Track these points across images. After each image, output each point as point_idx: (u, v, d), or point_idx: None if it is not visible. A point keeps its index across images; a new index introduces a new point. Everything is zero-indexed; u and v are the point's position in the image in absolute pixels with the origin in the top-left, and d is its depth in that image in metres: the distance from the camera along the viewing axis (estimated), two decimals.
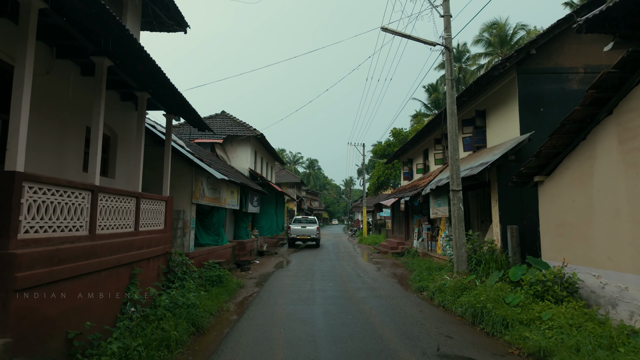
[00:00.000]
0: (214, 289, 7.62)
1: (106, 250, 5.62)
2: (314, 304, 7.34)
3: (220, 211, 12.74)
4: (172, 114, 8.62)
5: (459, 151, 8.63)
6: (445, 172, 12.71)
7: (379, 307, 7.09)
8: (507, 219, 9.03)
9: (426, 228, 15.88)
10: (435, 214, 12.73)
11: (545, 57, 9.41)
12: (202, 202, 10.62)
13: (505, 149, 8.68)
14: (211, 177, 11.33)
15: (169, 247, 8.39)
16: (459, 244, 8.30)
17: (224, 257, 12.71)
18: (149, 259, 7.36)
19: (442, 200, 12.01)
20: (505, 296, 6.23)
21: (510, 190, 9.05)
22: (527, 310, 5.67)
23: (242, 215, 16.46)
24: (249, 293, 8.48)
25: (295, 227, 21.97)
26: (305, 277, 10.85)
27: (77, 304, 4.86)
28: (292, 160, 77.78)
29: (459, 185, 8.47)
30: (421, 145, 17.18)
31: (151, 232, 7.54)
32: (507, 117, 9.72)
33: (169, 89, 6.65)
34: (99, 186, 5.49)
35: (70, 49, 5.82)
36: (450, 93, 8.72)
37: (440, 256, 12.53)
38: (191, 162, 9.97)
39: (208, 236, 12.29)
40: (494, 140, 10.47)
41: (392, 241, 19.97)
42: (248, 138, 19.78)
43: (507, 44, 34.08)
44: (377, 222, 33.35)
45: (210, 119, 21.75)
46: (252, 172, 19.46)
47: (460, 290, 7.27)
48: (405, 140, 31.53)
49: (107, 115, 7.66)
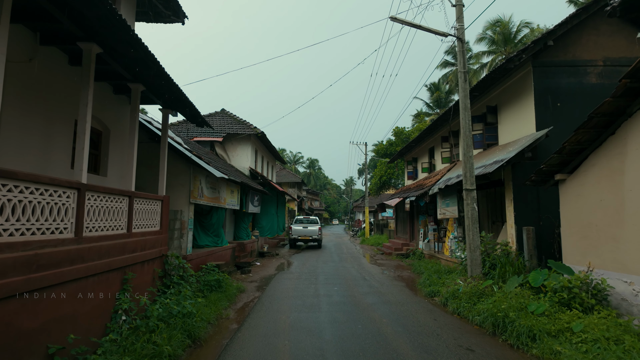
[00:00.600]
0: (213, 295, 7.14)
1: (94, 254, 5.14)
2: (320, 311, 6.85)
3: (219, 211, 12.26)
4: (168, 109, 8.15)
5: (472, 148, 8.15)
6: (453, 170, 12.24)
7: (390, 315, 6.61)
8: (522, 219, 8.55)
9: (432, 229, 15.40)
10: (443, 214, 12.25)
11: (561, 49, 8.93)
12: (200, 201, 10.14)
13: (521, 145, 8.19)
14: (210, 176, 10.85)
15: (165, 249, 7.92)
16: (473, 247, 7.82)
17: (224, 258, 12.24)
18: (144, 262, 6.88)
19: (451, 200, 11.53)
20: (527, 304, 5.74)
21: (526, 189, 8.58)
22: (553, 320, 5.18)
23: (243, 216, 15.99)
24: (249, 298, 8.00)
25: (297, 227, 21.49)
26: (308, 280, 10.36)
27: (60, 314, 4.38)
28: (292, 160, 77.33)
29: (473, 184, 7.99)
30: (426, 143, 16.70)
31: (146, 234, 7.06)
32: (521, 113, 9.24)
33: (164, 79, 6.17)
34: (86, 184, 5.01)
35: (55, 34, 5.34)
36: (463, 86, 8.24)
37: (448, 258, 12.05)
38: (189, 160, 9.49)
39: (207, 237, 11.81)
40: (506, 137, 9.99)
41: (396, 242, 19.48)
42: (248, 136, 19.30)
43: (511, 42, 33.60)
44: (380, 223, 32.88)
45: (210, 117, 21.27)
46: (252, 171, 18.98)
47: (476, 296, 6.78)
48: (407, 139, 31.04)
49: (99, 109, 7.19)
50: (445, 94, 41.56)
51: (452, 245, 12.18)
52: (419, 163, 18.26)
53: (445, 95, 41.43)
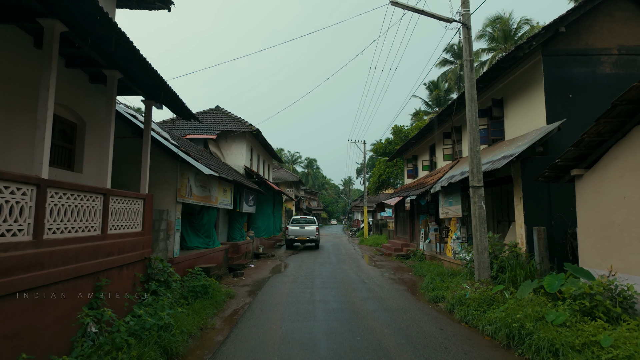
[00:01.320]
0: (198, 302, 6.52)
1: (58, 259, 4.53)
2: (315, 319, 6.25)
3: (211, 211, 11.65)
4: (151, 100, 7.53)
5: (479, 142, 7.57)
6: (456, 168, 11.67)
7: (392, 324, 6.01)
8: (532, 219, 7.97)
9: (433, 229, 14.82)
10: (445, 213, 11.67)
11: (573, 37, 8.37)
12: (189, 200, 9.53)
13: (531, 139, 7.62)
14: (200, 174, 10.24)
15: (148, 251, 7.31)
16: (481, 248, 7.24)
17: (215, 261, 11.63)
18: (122, 266, 6.28)
19: (454, 198, 10.95)
20: (545, 313, 5.16)
21: (536, 186, 8.01)
22: (576, 332, 4.60)
23: (237, 216, 15.38)
24: (239, 305, 7.40)
25: (294, 227, 20.87)
26: (304, 284, 9.76)
27: (12, 329, 3.78)
28: (290, 159, 76.68)
29: (480, 181, 7.41)
30: (427, 140, 16.12)
31: (124, 236, 6.45)
32: (530, 105, 8.67)
33: (141, 65, 5.56)
34: (47, 180, 4.40)
35: (12, 9, 4.71)
36: (469, 76, 7.66)
37: (451, 260, 11.48)
38: (176, 157, 8.88)
39: (197, 238, 11.20)
40: (513, 131, 9.41)
41: (395, 242, 18.90)
42: (243, 134, 18.68)
43: (511, 39, 33.13)
44: (378, 222, 32.31)
45: (204, 114, 20.66)
46: (247, 169, 18.37)
47: (486, 303, 6.20)
48: (406, 138, 30.46)
49: (73, 99, 6.58)
50: (444, 92, 41.12)
51: (455, 246, 11.61)
52: (419, 161, 17.69)
53: (444, 93, 40.97)
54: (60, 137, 6.54)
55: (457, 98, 10.57)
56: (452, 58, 41.97)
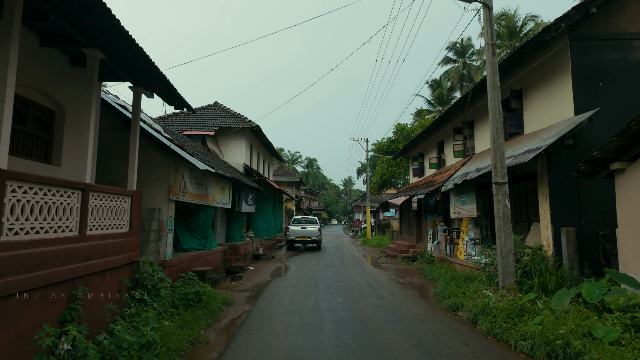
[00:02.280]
0: (189, 312, 5.79)
1: (21, 264, 3.82)
2: (322, 332, 5.53)
3: (207, 210, 10.92)
4: (140, 87, 6.82)
5: (502, 133, 6.85)
6: (468, 165, 10.95)
7: (409, 338, 5.29)
8: (559, 219, 7.25)
9: (442, 229, 14.10)
10: (457, 213, 10.95)
11: (603, 21, 7.66)
12: (183, 198, 8.81)
13: (559, 131, 6.90)
14: (195, 170, 9.53)
15: (136, 254, 6.59)
16: (505, 251, 6.52)
17: (212, 263, 10.91)
18: (104, 272, 5.56)
19: (468, 197, 10.23)
20: (592, 327, 4.44)
21: (564, 183, 7.29)
22: (634, 352, 3.89)
23: (236, 215, 14.66)
24: (237, 313, 6.67)
25: (295, 228, 20.13)
26: (307, 288, 9.04)
27: None
28: (290, 159, 76.00)
29: (505, 177, 6.70)
30: (435, 136, 15.40)
31: (108, 237, 5.74)
32: (554, 96, 7.95)
33: (124, 40, 4.84)
34: (6, 170, 3.68)
35: None
36: (491, 61, 6.94)
37: (463, 262, 10.76)
38: (169, 151, 8.15)
39: (193, 239, 10.48)
40: (534, 124, 8.69)
41: (400, 244, 18.18)
42: (243, 130, 17.96)
43: (516, 35, 32.50)
44: (381, 223, 31.61)
45: (202, 110, 19.94)
46: (247, 167, 17.64)
47: (515, 313, 5.48)
48: (409, 136, 29.75)
49: (51, 83, 5.85)
50: (447, 90, 40.50)
51: (467, 248, 10.89)
52: (426, 159, 16.97)
53: (447, 92, 40.36)
54: (35, 126, 5.82)
55: (472, 89, 9.86)
56: (455, 56, 41.36)
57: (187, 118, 18.76)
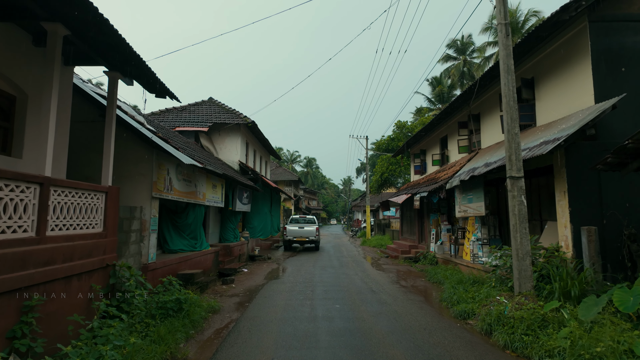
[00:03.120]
0: (167, 324, 5.11)
1: None
2: (317, 346, 4.87)
3: (197, 209, 10.26)
4: (116, 72, 6.15)
5: (517, 122, 6.19)
6: (475, 160, 10.30)
7: (417, 354, 4.63)
8: (579, 217, 6.60)
9: (446, 229, 13.46)
10: (463, 211, 10.30)
11: (625, 0, 7.01)
12: (168, 196, 8.14)
13: (579, 121, 6.25)
14: (183, 166, 8.86)
15: (111, 257, 5.94)
16: (522, 253, 5.86)
17: (203, 265, 10.24)
18: (70, 277, 4.91)
19: (475, 194, 9.58)
20: (632, 343, 3.79)
21: (584, 178, 6.64)
22: None
23: (230, 215, 13.98)
24: (224, 323, 6.01)
25: (292, 227, 19.46)
26: (303, 293, 8.38)
27: None
28: (289, 158, 75.37)
29: (520, 170, 6.04)
30: (438, 132, 14.74)
31: (74, 237, 5.08)
32: (571, 83, 7.30)
33: (90, 12, 4.17)
34: None
35: None
36: (504, 43, 6.29)
37: (469, 264, 10.12)
38: (152, 144, 7.48)
39: (181, 240, 9.81)
40: (548, 115, 8.04)
41: (401, 244, 17.53)
42: (238, 126, 17.28)
43: (518, 31, 31.91)
44: (381, 222, 30.96)
45: (196, 105, 19.27)
46: (242, 165, 16.97)
47: (537, 324, 4.82)
48: (410, 134, 29.11)
49: (10, 64, 5.15)
50: (447, 88, 39.98)
51: (473, 249, 10.24)
52: (428, 155, 16.31)
53: (447, 89, 39.83)
54: None
55: (480, 78, 9.21)
56: (456, 54, 40.79)
57: (180, 114, 18.10)
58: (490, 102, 10.27)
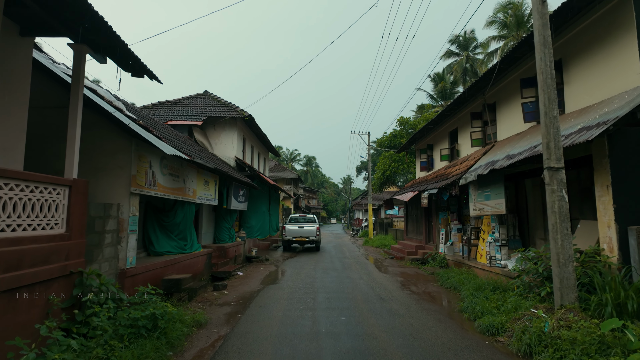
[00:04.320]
0: (136, 346, 4.17)
1: None
2: None
3: (187, 207, 9.32)
4: (82, 44, 5.21)
5: (556, 104, 5.25)
6: (492, 153, 9.36)
7: None
8: (625, 215, 5.67)
9: (456, 229, 12.54)
10: (479, 209, 9.37)
11: None
12: (150, 192, 7.21)
13: (627, 102, 5.31)
14: (168, 159, 7.93)
15: (77, 263, 5.02)
16: (563, 258, 4.93)
17: (193, 269, 9.32)
18: (16, 290, 3.99)
19: (494, 190, 8.65)
20: None
21: (630, 170, 5.72)
22: None
23: (225, 214, 13.04)
24: (209, 340, 5.08)
25: (291, 227, 18.53)
26: (303, 301, 7.46)
27: None
28: (289, 157, 74.47)
29: (561, 160, 5.11)
30: (447, 125, 13.80)
31: (25, 241, 4.16)
32: (609, 62, 6.37)
33: None
34: None
35: None
36: (540, 11, 5.34)
37: (485, 267, 9.21)
38: (132, 133, 6.55)
39: (169, 241, 8.88)
40: (579, 101, 7.11)
41: (407, 244, 16.61)
42: (234, 120, 16.35)
43: (524, 25, 31.06)
44: (383, 221, 30.06)
45: (190, 99, 18.32)
46: (238, 161, 16.04)
47: (594, 348, 3.89)
48: (413, 131, 28.19)
49: None
50: (450, 84, 39.19)
51: (490, 250, 9.33)
52: (435, 150, 15.38)
53: (450, 86, 39.04)
54: None
55: (500, 61, 8.28)
56: (458, 50, 39.96)
57: (173, 108, 17.15)
58: (509, 89, 9.33)
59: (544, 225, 8.36)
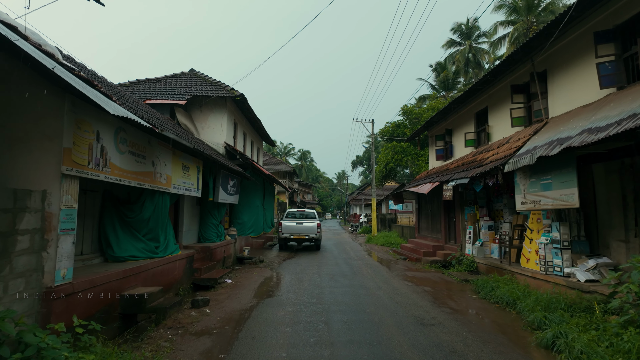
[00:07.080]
0: None
1: None
2: None
3: (159, 198, 7.20)
4: None
5: None
6: (545, 132, 7.38)
7: None
8: None
9: (487, 226, 10.60)
10: (532, 202, 7.38)
11: None
12: (96, 174, 5.07)
13: None
14: (129, 132, 5.80)
15: None
16: None
17: (168, 277, 7.24)
18: None
19: (559, 177, 6.66)
20: None
21: None
22: None
23: (212, 208, 10.92)
24: None
25: (289, 223, 16.45)
26: (313, 329, 5.41)
27: None
28: (283, 151, 72.33)
29: None
30: (473, 104, 11.77)
31: None
32: None
33: None
34: None
35: None
36: None
37: (537, 275, 7.31)
38: (66, 88, 4.40)
39: (134, 242, 6.75)
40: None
41: (421, 243, 14.64)
42: (224, 101, 14.16)
43: (534, 9, 29.25)
44: (386, 217, 28.08)
45: (174, 77, 16.09)
46: (228, 147, 13.88)
47: None
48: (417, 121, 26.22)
49: None
50: (452, 74, 37.48)
51: (545, 254, 7.37)
52: (456, 135, 13.36)
53: (452, 76, 37.32)
54: None
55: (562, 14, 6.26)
56: (460, 39, 38.27)
57: (154, 86, 14.89)
58: (573, 50, 7.32)
59: (625, 223, 6.40)
